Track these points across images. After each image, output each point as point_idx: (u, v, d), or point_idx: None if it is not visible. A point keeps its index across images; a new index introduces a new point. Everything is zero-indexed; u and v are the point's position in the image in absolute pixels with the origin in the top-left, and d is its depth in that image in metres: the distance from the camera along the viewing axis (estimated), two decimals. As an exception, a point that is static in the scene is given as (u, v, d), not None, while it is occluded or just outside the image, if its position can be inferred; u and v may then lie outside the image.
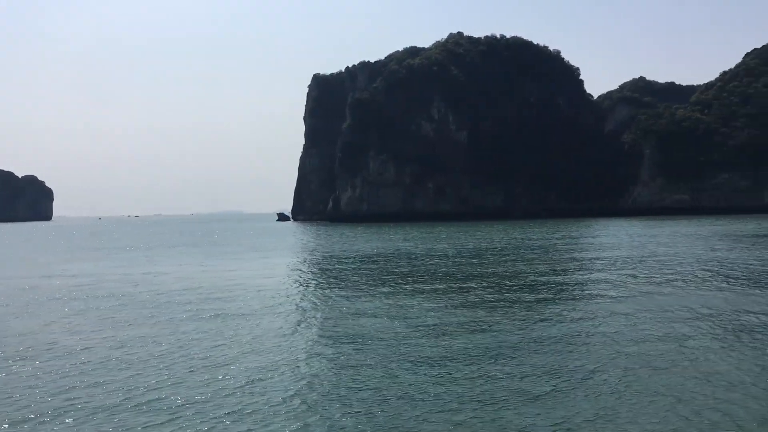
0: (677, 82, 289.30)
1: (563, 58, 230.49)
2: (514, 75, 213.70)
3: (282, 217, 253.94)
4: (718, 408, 13.98)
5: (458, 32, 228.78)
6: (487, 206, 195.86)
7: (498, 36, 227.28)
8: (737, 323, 23.00)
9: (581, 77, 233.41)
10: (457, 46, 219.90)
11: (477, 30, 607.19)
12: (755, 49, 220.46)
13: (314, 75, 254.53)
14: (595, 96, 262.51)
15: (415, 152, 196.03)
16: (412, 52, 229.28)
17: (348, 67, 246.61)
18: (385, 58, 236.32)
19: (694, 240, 71.23)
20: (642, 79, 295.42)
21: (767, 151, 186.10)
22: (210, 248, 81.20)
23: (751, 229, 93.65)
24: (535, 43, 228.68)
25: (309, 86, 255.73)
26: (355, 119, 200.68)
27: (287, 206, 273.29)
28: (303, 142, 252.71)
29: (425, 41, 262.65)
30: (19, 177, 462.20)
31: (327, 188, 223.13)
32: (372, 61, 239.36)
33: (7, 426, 13.56)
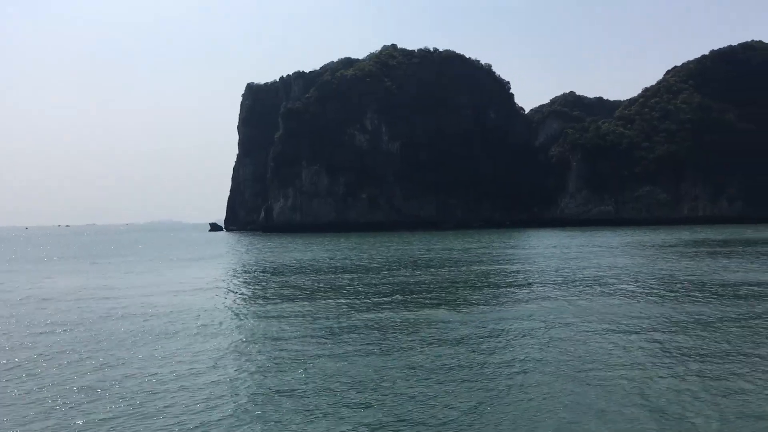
0: (605, 97, 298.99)
1: (494, 72, 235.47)
2: (447, 87, 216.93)
3: (214, 228, 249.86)
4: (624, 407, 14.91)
5: (392, 44, 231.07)
6: (420, 216, 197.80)
7: (431, 49, 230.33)
8: (652, 327, 24.01)
9: (512, 91, 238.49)
10: (390, 58, 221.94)
11: (411, 43, 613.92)
12: (675, 66, 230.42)
13: (248, 84, 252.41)
14: (528, 109, 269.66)
15: (349, 163, 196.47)
16: (347, 63, 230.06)
17: (282, 76, 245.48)
18: (320, 68, 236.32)
19: (613, 250, 73.69)
20: (572, 93, 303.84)
21: (685, 166, 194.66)
22: (116, 261, 79.18)
23: (662, 239, 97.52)
24: (467, 56, 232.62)
25: (243, 95, 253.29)
26: (287, 129, 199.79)
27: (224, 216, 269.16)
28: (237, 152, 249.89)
29: (361, 52, 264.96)
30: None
31: (260, 198, 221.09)
32: (307, 71, 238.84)
33: None
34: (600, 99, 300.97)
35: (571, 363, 18.87)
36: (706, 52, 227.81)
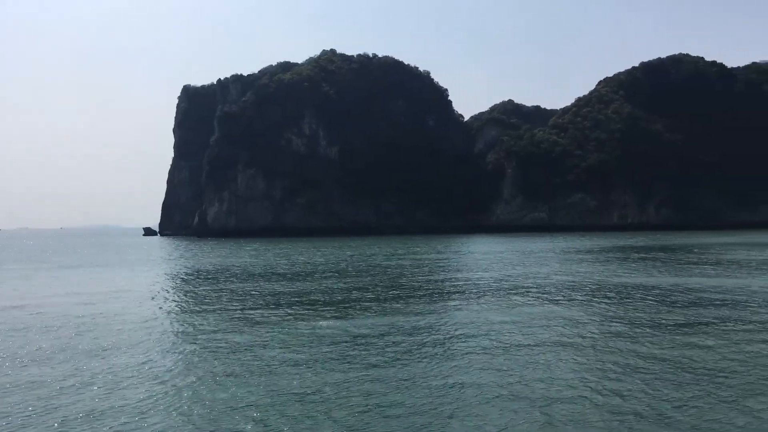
0: (542, 106, 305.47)
1: (433, 79, 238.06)
2: (386, 93, 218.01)
3: (148, 232, 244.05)
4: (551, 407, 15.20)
5: (331, 49, 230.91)
6: (358, 222, 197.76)
7: (370, 54, 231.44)
8: (580, 330, 24.17)
9: (452, 98, 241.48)
10: (329, 63, 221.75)
11: (350, 48, 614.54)
12: (607, 77, 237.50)
13: (184, 86, 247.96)
14: (469, 117, 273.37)
15: (286, 167, 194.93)
16: (286, 67, 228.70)
17: (220, 79, 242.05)
18: (259, 72, 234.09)
19: (547, 255, 74.93)
20: (511, 102, 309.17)
21: (615, 174, 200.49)
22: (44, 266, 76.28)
23: (590, 245, 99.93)
24: (406, 63, 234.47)
25: (179, 98, 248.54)
26: (223, 133, 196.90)
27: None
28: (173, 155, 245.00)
29: (301, 57, 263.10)
30: None
31: (196, 202, 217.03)
32: (245, 74, 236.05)
33: None
34: (537, 107, 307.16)
35: (506, 368, 19.09)
36: (637, 64, 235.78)
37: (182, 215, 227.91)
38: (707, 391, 16.46)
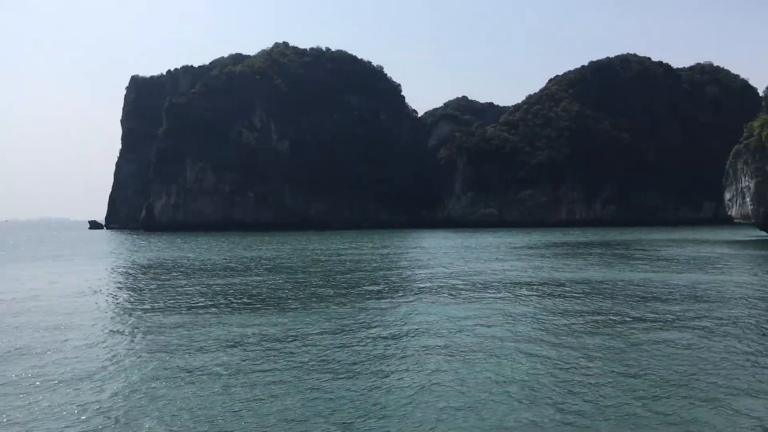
0: (495, 103, 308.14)
1: (386, 74, 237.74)
2: (338, 87, 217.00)
3: (94, 225, 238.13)
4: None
5: (284, 42, 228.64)
6: (309, 216, 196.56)
7: (323, 48, 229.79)
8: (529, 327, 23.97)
9: (407, 93, 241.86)
10: (282, 56, 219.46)
11: (303, 41, 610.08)
12: (557, 75, 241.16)
13: (132, 76, 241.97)
14: (423, 112, 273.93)
15: (236, 160, 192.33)
16: (238, 59, 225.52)
17: (170, 70, 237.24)
18: (210, 63, 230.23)
19: (494, 250, 75.42)
20: (464, 98, 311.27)
21: (564, 171, 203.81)
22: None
23: (528, 240, 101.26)
24: (359, 57, 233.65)
25: (127, 88, 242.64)
26: (171, 124, 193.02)
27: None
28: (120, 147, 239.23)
29: (253, 49, 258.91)
30: None
31: (143, 195, 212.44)
32: (196, 65, 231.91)
33: None
34: (491, 104, 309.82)
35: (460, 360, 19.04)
36: (586, 63, 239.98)
37: (129, 208, 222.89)
38: (631, 385, 16.55)
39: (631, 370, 17.91)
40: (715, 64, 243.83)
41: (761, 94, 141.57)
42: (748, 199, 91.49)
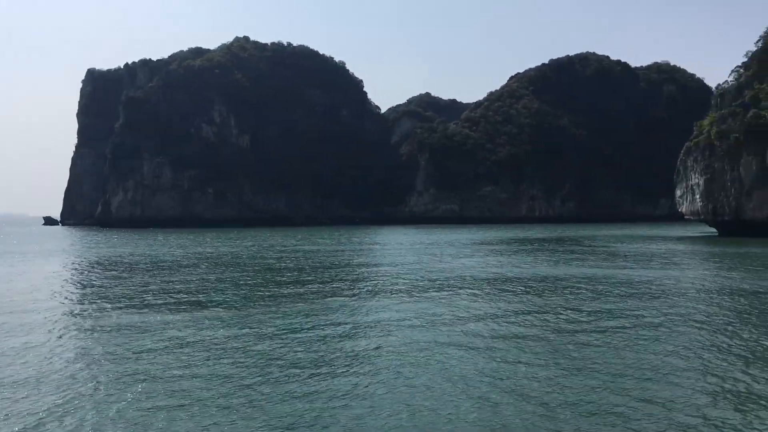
0: (458, 100, 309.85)
1: (348, 70, 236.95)
2: (300, 83, 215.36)
3: (49, 221, 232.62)
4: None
5: (245, 36, 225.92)
6: (269, 212, 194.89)
7: (285, 43, 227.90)
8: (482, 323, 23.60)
9: (371, 90, 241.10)
10: (242, 50, 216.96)
11: (265, 36, 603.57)
12: (518, 73, 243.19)
13: (89, 70, 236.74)
14: (386, 108, 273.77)
15: (195, 156, 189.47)
16: (198, 53, 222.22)
17: (128, 63, 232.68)
18: (169, 57, 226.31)
19: (457, 247, 75.42)
20: (428, 95, 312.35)
21: (523, 167, 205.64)
22: None
23: (491, 237, 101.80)
24: (321, 53, 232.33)
25: (83, 81, 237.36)
26: (128, 119, 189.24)
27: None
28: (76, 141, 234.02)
29: (214, 43, 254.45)
30: None
31: (100, 191, 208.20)
32: (154, 59, 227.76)
33: None
34: (454, 101, 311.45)
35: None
36: (546, 61, 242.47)
37: (86, 204, 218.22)
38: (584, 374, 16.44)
39: (573, 364, 18.02)
40: (672, 64, 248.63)
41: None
42: (697, 196, 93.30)
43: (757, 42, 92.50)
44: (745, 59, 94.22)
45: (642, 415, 13.87)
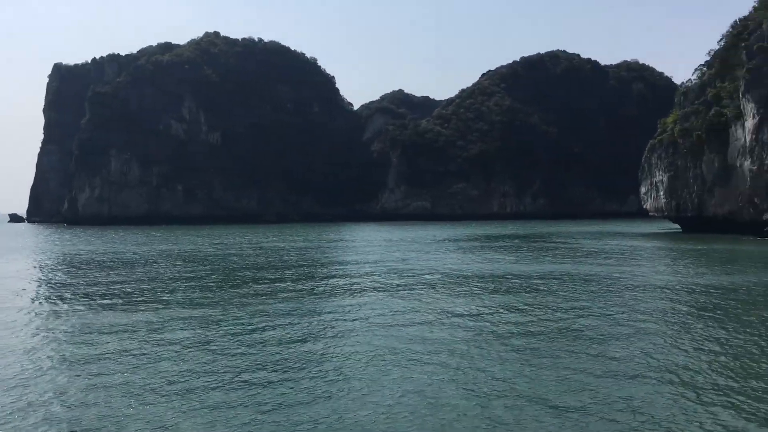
0: (431, 97, 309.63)
1: (320, 66, 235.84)
2: (271, 79, 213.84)
3: (15, 218, 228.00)
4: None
5: (215, 32, 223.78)
6: (240, 209, 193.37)
7: (256, 39, 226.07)
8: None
9: (338, 86, 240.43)
10: (212, 46, 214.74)
11: (236, 31, 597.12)
12: (489, 70, 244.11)
13: (55, 64, 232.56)
14: (359, 105, 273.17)
15: (164, 153, 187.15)
16: (166, 47, 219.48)
17: (95, 58, 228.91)
18: (137, 52, 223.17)
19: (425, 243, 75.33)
20: (401, 91, 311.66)
21: (495, 164, 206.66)
22: None
23: (460, 234, 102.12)
24: (293, 49, 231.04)
25: (49, 76, 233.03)
26: (95, 114, 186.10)
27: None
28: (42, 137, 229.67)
29: (183, 38, 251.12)
30: None
31: (67, 188, 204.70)
32: (123, 54, 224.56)
33: None
34: (427, 98, 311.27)
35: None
36: (518, 59, 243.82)
37: (52, 201, 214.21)
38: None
39: (533, 361, 18.04)
40: (641, 62, 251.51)
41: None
42: (661, 193, 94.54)
43: (720, 41, 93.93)
44: (708, 58, 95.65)
45: (601, 412, 13.81)
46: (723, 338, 20.57)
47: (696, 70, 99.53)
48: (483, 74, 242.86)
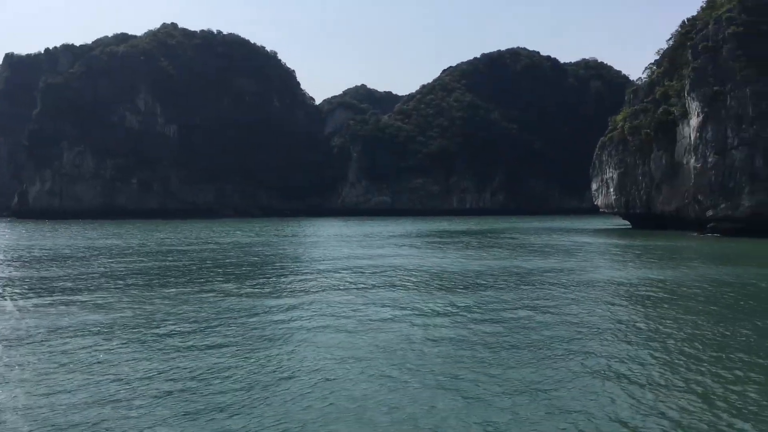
0: (394, 92, 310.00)
1: (280, 60, 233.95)
2: (229, 72, 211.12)
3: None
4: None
5: (172, 23, 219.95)
6: (197, 203, 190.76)
7: (215, 31, 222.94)
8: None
9: (306, 80, 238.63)
10: (169, 37, 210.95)
11: (194, 23, 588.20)
12: (450, 66, 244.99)
13: (7, 54, 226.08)
14: (321, 100, 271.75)
15: (118, 145, 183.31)
16: (123, 38, 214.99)
17: (48, 48, 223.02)
18: (92, 42, 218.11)
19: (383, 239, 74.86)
20: (363, 86, 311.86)
21: (455, 160, 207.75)
22: None
23: (417, 229, 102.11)
24: (252, 42, 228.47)
25: (0, 67, 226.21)
26: (46, 106, 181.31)
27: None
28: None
29: (140, 29, 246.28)
30: None
31: (19, 181, 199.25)
32: (77, 44, 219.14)
33: None
34: (389, 93, 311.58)
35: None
36: (479, 55, 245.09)
37: (2, 195, 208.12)
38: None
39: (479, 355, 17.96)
40: (599, 60, 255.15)
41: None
42: (611, 190, 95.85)
43: (668, 40, 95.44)
44: (658, 57, 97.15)
45: (535, 409, 13.71)
46: (663, 332, 20.91)
47: (646, 68, 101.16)
48: (444, 70, 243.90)
